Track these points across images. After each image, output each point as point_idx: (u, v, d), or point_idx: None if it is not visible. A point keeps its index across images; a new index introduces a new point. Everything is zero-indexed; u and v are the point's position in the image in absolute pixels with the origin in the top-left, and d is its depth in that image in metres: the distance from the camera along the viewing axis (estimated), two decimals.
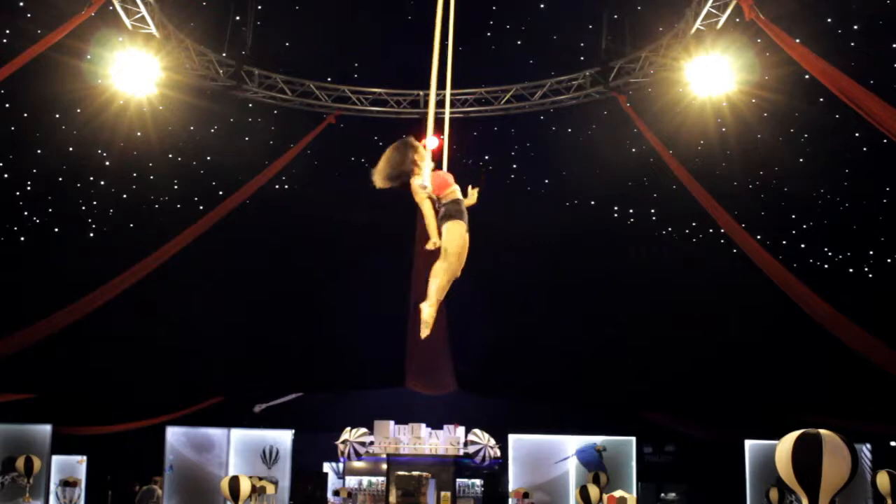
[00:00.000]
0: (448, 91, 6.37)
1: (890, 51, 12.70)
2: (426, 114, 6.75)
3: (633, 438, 15.96)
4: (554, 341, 17.02)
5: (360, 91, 15.52)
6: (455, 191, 5.70)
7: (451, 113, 15.49)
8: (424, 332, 5.37)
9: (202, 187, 16.21)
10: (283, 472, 15.63)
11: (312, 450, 17.02)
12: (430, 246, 5.54)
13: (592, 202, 17.22)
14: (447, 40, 6.24)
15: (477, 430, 15.78)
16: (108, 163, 15.36)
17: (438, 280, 5.42)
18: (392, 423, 16.00)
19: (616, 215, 17.45)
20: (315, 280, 17.42)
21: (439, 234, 5.54)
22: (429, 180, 5.56)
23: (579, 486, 14.70)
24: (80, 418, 16.25)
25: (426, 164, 5.73)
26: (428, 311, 5.37)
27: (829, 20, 12.66)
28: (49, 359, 14.99)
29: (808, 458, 6.58)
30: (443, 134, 6.45)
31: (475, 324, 16.79)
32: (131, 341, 15.93)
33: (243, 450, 15.73)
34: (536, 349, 17.20)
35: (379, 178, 5.78)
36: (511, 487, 15.80)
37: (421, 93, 15.50)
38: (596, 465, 15.65)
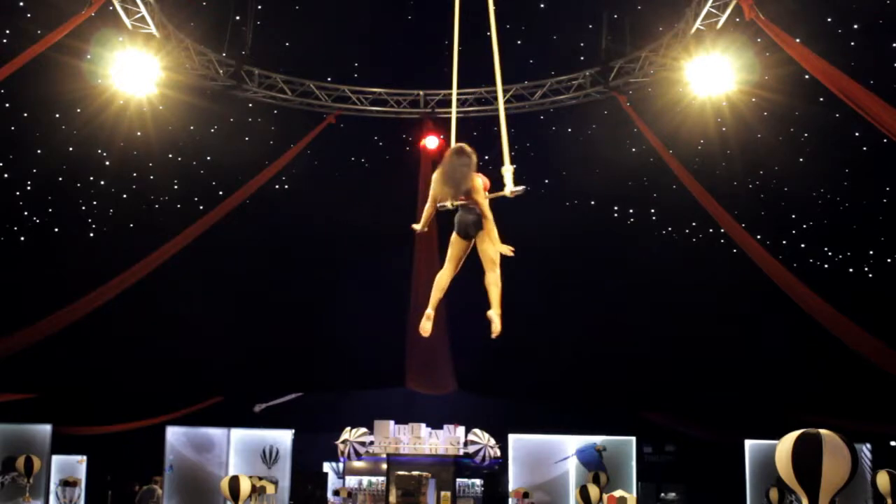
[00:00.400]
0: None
1: (890, 51, 12.71)
2: (427, 113, 6.80)
3: (633, 438, 15.94)
4: (554, 341, 17.01)
5: (360, 91, 15.53)
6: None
7: (450, 113, 15.56)
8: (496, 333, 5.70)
9: (202, 187, 16.22)
10: (283, 472, 15.62)
11: (312, 450, 17.01)
12: (508, 252, 5.64)
13: (592, 202, 17.22)
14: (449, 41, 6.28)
15: (477, 430, 15.77)
16: (108, 163, 15.37)
17: (498, 288, 5.66)
18: (392, 423, 15.99)
19: (616, 215, 17.45)
20: (315, 280, 17.42)
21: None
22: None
23: (579, 486, 14.69)
24: (80, 418, 16.25)
25: (508, 168, 5.87)
26: (498, 320, 5.72)
27: (829, 20, 12.67)
28: (49, 359, 14.99)
29: (808, 458, 6.59)
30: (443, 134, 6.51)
31: (475, 324, 16.73)
32: (131, 341, 15.94)
33: (243, 450, 15.72)
34: (536, 349, 17.19)
35: (451, 191, 5.68)
36: (511, 487, 15.79)
37: (422, 93, 15.51)
38: (596, 465, 15.63)
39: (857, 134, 13.66)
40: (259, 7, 14.39)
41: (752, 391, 16.11)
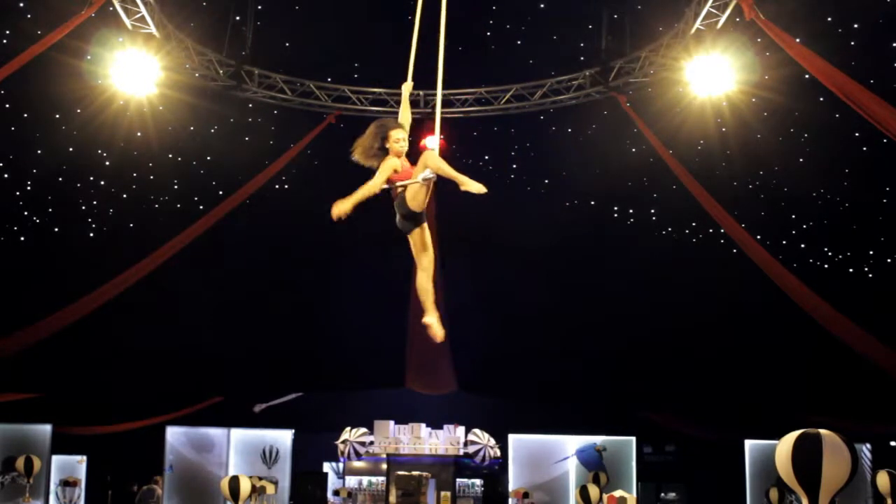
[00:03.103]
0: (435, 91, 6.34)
1: (890, 51, 12.70)
2: (427, 113, 6.84)
3: (633, 438, 15.95)
4: (554, 341, 17.01)
5: (360, 91, 15.52)
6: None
7: (450, 113, 15.58)
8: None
9: (202, 187, 16.21)
10: (283, 472, 15.62)
11: (312, 450, 17.01)
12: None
13: (592, 202, 17.22)
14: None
15: (477, 430, 15.77)
16: (108, 163, 15.36)
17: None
18: (392, 423, 15.99)
19: (616, 215, 17.45)
20: (315, 280, 17.42)
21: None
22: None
23: (579, 486, 14.70)
24: (80, 418, 16.24)
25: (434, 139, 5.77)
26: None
27: (829, 20, 12.66)
28: (49, 359, 14.98)
29: (808, 458, 6.60)
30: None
31: (475, 324, 16.79)
32: (132, 341, 15.93)
33: (243, 450, 15.72)
34: (536, 349, 17.19)
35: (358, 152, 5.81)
36: (511, 487, 15.80)
37: (421, 93, 15.49)
38: (596, 465, 15.64)
39: (857, 134, 13.65)
40: (259, 7, 14.39)
41: (752, 391, 16.10)
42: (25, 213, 15.66)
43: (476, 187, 5.40)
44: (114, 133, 14.22)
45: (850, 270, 15.96)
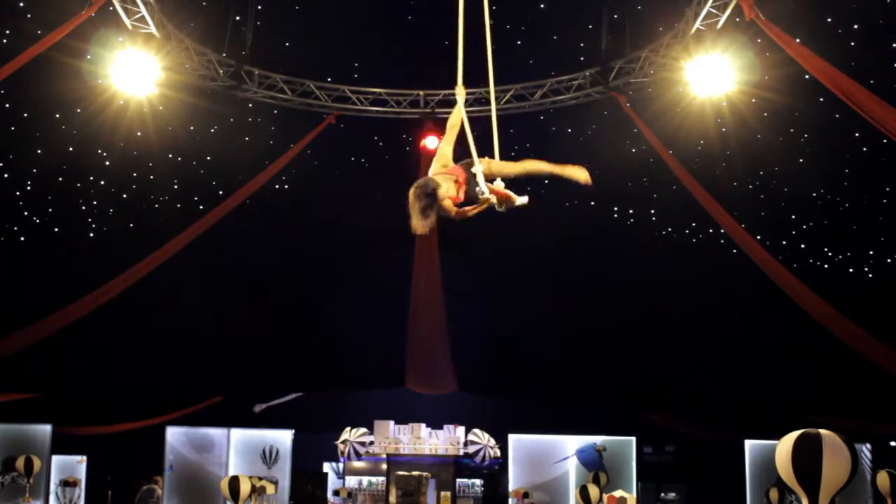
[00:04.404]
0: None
1: (890, 51, 12.71)
2: (427, 113, 6.87)
3: (633, 438, 15.94)
4: (554, 341, 17.01)
5: (360, 91, 15.53)
6: None
7: (449, 113, 15.60)
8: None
9: (202, 187, 16.22)
10: (283, 472, 15.61)
11: (312, 450, 17.01)
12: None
13: (592, 202, 17.22)
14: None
15: (477, 430, 15.78)
16: (108, 163, 15.36)
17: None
18: (392, 423, 16.00)
19: (616, 215, 17.44)
20: (315, 280, 17.42)
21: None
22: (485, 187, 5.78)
23: (579, 486, 14.69)
24: (80, 418, 16.24)
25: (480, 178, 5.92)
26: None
27: (829, 20, 12.67)
28: (49, 359, 14.98)
29: (808, 458, 6.59)
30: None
31: (475, 324, 16.79)
32: (131, 341, 15.94)
33: (243, 450, 15.71)
34: (536, 349, 17.19)
35: (420, 225, 5.81)
36: (511, 487, 15.79)
37: (422, 93, 15.50)
38: (596, 465, 15.63)
39: (857, 134, 13.65)
40: (259, 7, 14.40)
41: (752, 391, 16.10)
42: (25, 213, 15.66)
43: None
44: (114, 133, 14.23)
45: (850, 270, 15.96)
